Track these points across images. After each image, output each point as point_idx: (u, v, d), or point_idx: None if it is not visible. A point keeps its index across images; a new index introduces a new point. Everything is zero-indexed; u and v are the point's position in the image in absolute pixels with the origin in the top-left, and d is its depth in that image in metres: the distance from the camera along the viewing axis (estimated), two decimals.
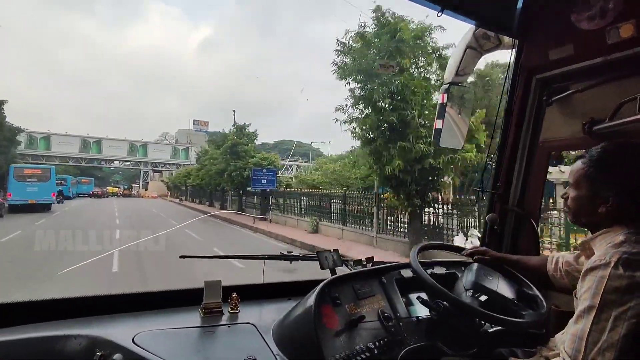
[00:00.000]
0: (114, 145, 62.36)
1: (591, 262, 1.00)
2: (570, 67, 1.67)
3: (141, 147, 65.32)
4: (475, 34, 1.98)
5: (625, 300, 0.91)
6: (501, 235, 1.97)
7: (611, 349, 0.90)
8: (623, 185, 1.06)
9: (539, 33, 1.77)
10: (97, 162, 63.24)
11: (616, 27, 1.47)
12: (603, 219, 1.10)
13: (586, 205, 1.12)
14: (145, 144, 66.20)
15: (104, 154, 61.73)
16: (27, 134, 52.19)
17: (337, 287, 1.39)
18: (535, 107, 1.85)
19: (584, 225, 1.18)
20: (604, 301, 0.93)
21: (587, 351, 0.93)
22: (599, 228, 1.12)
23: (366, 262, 1.80)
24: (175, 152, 68.84)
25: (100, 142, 61.48)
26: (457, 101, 2.15)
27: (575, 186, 1.15)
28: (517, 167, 1.92)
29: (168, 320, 1.41)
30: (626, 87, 1.52)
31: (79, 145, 59.22)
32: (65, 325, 1.30)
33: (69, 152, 57.66)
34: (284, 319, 1.36)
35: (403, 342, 1.33)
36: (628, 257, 0.95)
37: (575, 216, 1.18)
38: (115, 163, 67.27)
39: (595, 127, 1.58)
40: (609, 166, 1.08)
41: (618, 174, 1.07)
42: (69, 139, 58.79)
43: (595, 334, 0.93)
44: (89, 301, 1.46)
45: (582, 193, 1.13)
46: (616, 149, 1.10)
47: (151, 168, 66.93)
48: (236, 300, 1.48)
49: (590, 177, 1.10)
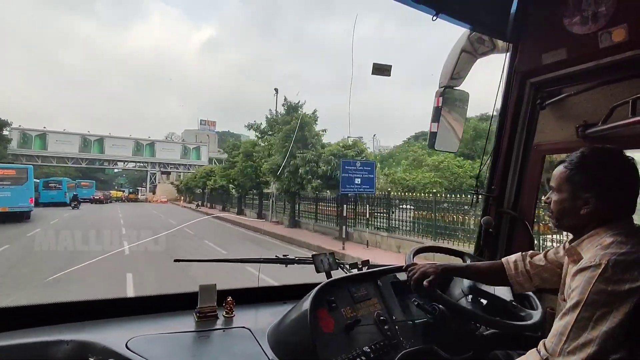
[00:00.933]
0: (118, 144, 56.21)
1: (582, 263, 1.02)
2: (563, 71, 1.69)
3: (148, 147, 58.87)
4: (470, 37, 1.99)
5: (610, 302, 0.93)
6: (496, 238, 1.98)
7: (589, 345, 0.92)
8: (601, 187, 1.08)
9: (533, 37, 1.79)
10: (99, 162, 56.68)
11: (608, 31, 1.49)
12: (586, 222, 1.12)
13: (568, 209, 1.14)
14: (152, 143, 59.52)
15: (106, 154, 55.57)
16: (20, 131, 48.32)
17: (333, 290, 1.38)
18: (529, 110, 1.87)
19: (567, 228, 1.19)
20: (589, 300, 0.95)
21: (565, 346, 0.96)
22: (582, 231, 1.13)
23: (362, 266, 1.80)
24: (185, 152, 62.18)
25: (102, 141, 55.30)
26: (452, 104, 2.16)
27: (557, 190, 1.17)
28: (512, 170, 1.94)
29: (162, 325, 1.39)
30: (619, 91, 1.54)
31: (79, 144, 53.23)
32: (57, 331, 1.28)
33: (67, 151, 52.14)
34: (280, 323, 1.35)
35: (399, 345, 1.32)
36: (617, 258, 0.97)
37: (558, 220, 1.19)
38: (119, 164, 60.93)
39: (588, 130, 1.60)
40: (587, 169, 1.11)
41: (596, 176, 1.09)
42: (67, 137, 52.74)
43: (576, 330, 0.95)
44: (82, 306, 1.43)
45: (563, 196, 1.15)
46: (594, 152, 1.13)
47: (159, 169, 60.43)
48: (231, 304, 1.48)
49: (570, 180, 1.13)
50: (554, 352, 0.98)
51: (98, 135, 55.90)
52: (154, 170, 59.87)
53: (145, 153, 58.58)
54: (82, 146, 53.94)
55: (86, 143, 54.23)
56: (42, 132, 51.65)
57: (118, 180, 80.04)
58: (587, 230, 1.12)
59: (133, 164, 61.11)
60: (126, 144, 57.28)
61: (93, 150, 55.06)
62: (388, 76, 2.06)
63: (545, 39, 1.73)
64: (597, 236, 1.09)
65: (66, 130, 54.23)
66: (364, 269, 1.76)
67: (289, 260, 1.81)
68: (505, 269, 1.39)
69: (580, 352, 0.93)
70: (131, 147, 57.45)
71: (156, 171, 59.83)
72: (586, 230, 1.12)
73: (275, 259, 1.82)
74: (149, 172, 59.46)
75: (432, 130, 2.12)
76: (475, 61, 2.08)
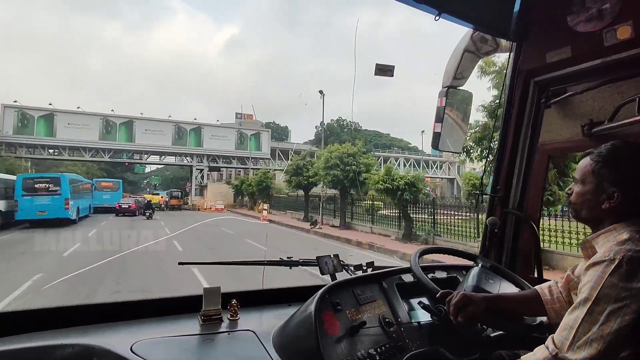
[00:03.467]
0: (153, 129, 40.51)
1: (595, 258, 1.01)
2: (568, 70, 1.67)
3: (193, 133, 42.47)
4: (473, 37, 1.98)
5: (623, 297, 0.92)
6: (502, 238, 1.96)
7: (599, 341, 0.91)
8: (629, 182, 1.07)
9: (536, 36, 1.77)
10: (127, 154, 40.84)
11: (613, 29, 1.47)
12: (605, 216, 1.10)
13: (590, 201, 1.13)
14: (199, 128, 42.67)
15: (137, 142, 39.91)
16: (16, 110, 34.93)
17: (338, 292, 1.38)
18: (533, 109, 1.86)
19: (585, 220, 1.18)
20: (601, 295, 0.94)
21: (574, 340, 0.94)
22: (599, 225, 1.12)
23: (366, 267, 1.79)
24: (241, 140, 45.10)
25: (131, 125, 39.83)
26: (456, 104, 2.15)
27: (581, 182, 1.16)
28: (517, 170, 1.92)
29: (167, 328, 1.39)
30: (625, 89, 1.52)
31: (100, 129, 38.48)
32: (62, 334, 1.28)
33: (84, 139, 37.51)
34: (284, 326, 1.34)
35: (405, 347, 1.32)
36: (632, 255, 0.95)
37: (577, 211, 1.18)
38: (153, 157, 43.83)
39: (594, 129, 1.58)
40: (617, 163, 1.09)
41: (625, 171, 1.08)
42: (83, 119, 37.97)
43: (586, 324, 0.94)
44: (86, 309, 1.44)
45: (587, 188, 1.13)
46: (625, 147, 1.11)
47: (208, 163, 43.43)
48: (236, 306, 1.48)
49: (597, 172, 1.11)
50: (563, 347, 0.96)
51: (125, 116, 39.76)
52: (201, 166, 43.15)
53: (190, 141, 42.62)
54: (103, 132, 38.72)
55: (109, 127, 39.11)
56: (48, 112, 37.00)
57: (151, 179, 61.53)
58: (604, 225, 1.11)
59: (172, 157, 44.23)
60: (164, 128, 41.11)
61: (119, 138, 39.53)
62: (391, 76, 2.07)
63: (550, 37, 1.71)
64: (614, 231, 1.07)
65: (81, 109, 38.78)
66: (368, 270, 1.75)
67: (294, 262, 1.80)
68: (540, 296, 1.35)
69: (589, 348, 0.92)
70: (170, 133, 41.33)
71: (204, 166, 43.44)
72: (604, 224, 1.11)
73: (280, 261, 1.82)
74: (195, 168, 43.00)
75: (436, 131, 2.11)
76: (478, 61, 2.07)
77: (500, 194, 1.95)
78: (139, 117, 40.83)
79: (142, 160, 43.95)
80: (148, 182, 64.55)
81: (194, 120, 43.56)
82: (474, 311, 1.21)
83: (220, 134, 44.73)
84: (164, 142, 41.32)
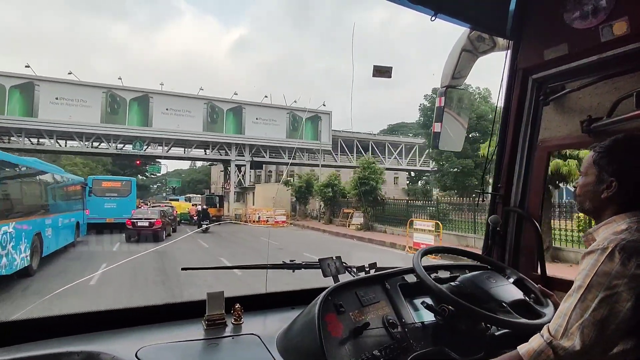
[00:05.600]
0: (177, 109, 27.94)
1: (591, 247, 1.02)
2: (565, 67, 1.67)
3: (231, 115, 30.08)
4: (470, 36, 1.99)
5: (614, 285, 0.93)
6: (504, 236, 1.96)
7: (591, 327, 0.93)
8: (627, 171, 1.08)
9: (533, 33, 1.78)
10: (139, 144, 27.65)
11: (609, 24, 1.47)
12: (606, 206, 1.12)
13: (591, 192, 1.15)
14: (239, 107, 30.37)
15: (154, 127, 27.46)
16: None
17: (341, 294, 1.38)
18: (532, 107, 1.86)
19: (589, 212, 1.19)
20: (593, 282, 0.95)
21: (567, 326, 0.96)
22: (602, 216, 1.14)
23: (369, 268, 1.79)
24: (294, 125, 32.19)
25: (146, 102, 27.39)
26: (455, 104, 2.16)
27: (584, 173, 1.18)
28: (517, 168, 1.93)
29: (171, 334, 1.39)
30: (622, 84, 1.53)
31: (102, 108, 26.10)
32: (67, 342, 1.28)
33: (78, 121, 25.37)
34: (288, 329, 1.35)
35: (409, 348, 1.32)
36: (625, 243, 0.96)
37: (581, 203, 1.20)
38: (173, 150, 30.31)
39: (593, 125, 1.59)
40: (615, 154, 1.11)
41: (622, 161, 1.09)
42: (77, 91, 25.57)
43: (578, 311, 0.95)
44: (90, 317, 1.43)
45: (589, 180, 1.16)
46: (625, 139, 1.14)
47: (250, 158, 31.15)
48: (239, 311, 1.48)
49: (597, 163, 1.14)
50: (557, 334, 0.97)
51: (138, 89, 27.37)
52: (241, 160, 30.86)
53: (227, 127, 29.97)
54: (106, 111, 26.14)
55: (115, 106, 26.35)
56: (26, 81, 24.68)
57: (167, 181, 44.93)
58: (606, 216, 1.12)
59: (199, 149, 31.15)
60: (193, 107, 28.39)
61: (129, 121, 26.84)
62: (389, 78, 2.08)
63: (546, 34, 1.72)
64: (613, 223, 1.09)
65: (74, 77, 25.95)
66: (371, 271, 1.75)
67: (296, 265, 1.81)
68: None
69: (582, 334, 0.93)
70: (201, 114, 28.69)
71: (245, 161, 31.12)
72: (605, 216, 1.12)
73: (282, 265, 1.82)
74: (234, 163, 30.78)
75: (436, 131, 2.13)
76: (476, 60, 2.08)
77: (501, 192, 1.96)
78: (157, 91, 27.74)
79: (161, 153, 29.63)
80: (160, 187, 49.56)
81: (233, 98, 30.30)
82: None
83: (265, 116, 31.51)
84: (192, 126, 28.45)
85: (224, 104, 30.32)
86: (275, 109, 32.48)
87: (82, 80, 26.33)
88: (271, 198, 28.11)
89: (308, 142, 32.82)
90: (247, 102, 31.49)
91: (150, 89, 28.21)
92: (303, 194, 27.11)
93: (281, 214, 25.16)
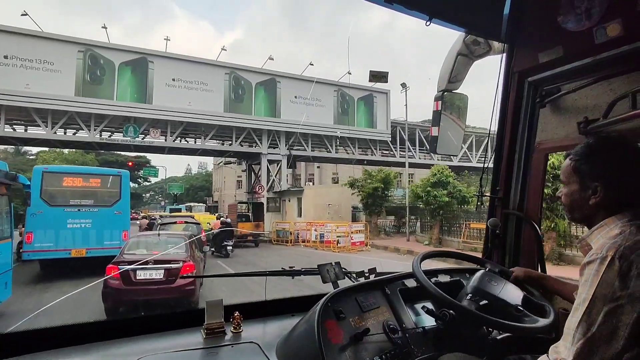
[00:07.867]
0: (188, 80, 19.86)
1: (589, 256, 1.01)
2: (561, 69, 1.68)
3: (262, 90, 22.03)
4: (465, 40, 2.00)
5: (618, 297, 0.92)
6: (504, 239, 1.96)
7: (599, 340, 0.92)
8: (608, 174, 1.09)
9: (528, 37, 1.79)
10: (134, 129, 18.93)
11: (603, 26, 1.48)
12: (595, 211, 1.12)
13: (578, 200, 1.15)
14: (272, 80, 22.34)
15: (155, 104, 18.88)
16: None
17: (341, 300, 1.37)
18: (529, 109, 1.87)
19: (580, 220, 1.19)
20: (597, 295, 0.94)
21: (574, 341, 0.95)
22: (593, 222, 1.13)
23: (369, 274, 1.78)
24: (343, 108, 24.09)
25: (143, 67, 18.92)
26: (451, 108, 2.16)
27: (566, 183, 1.18)
28: (515, 171, 1.93)
29: (170, 343, 1.39)
30: (618, 85, 1.54)
31: (77, 74, 17.49)
32: (65, 353, 1.28)
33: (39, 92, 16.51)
34: (288, 336, 1.34)
35: (410, 353, 1.31)
36: (623, 250, 0.95)
37: (570, 212, 1.20)
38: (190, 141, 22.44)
39: (590, 126, 1.59)
40: (593, 158, 1.11)
41: (603, 164, 1.10)
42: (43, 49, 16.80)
43: (585, 324, 0.94)
44: (89, 327, 1.43)
45: (572, 188, 1.16)
46: (599, 142, 1.14)
47: (288, 151, 22.98)
48: (238, 319, 1.47)
49: (577, 170, 1.14)
50: (565, 349, 0.96)
51: (133, 48, 19.04)
52: (276, 155, 23.05)
53: (257, 107, 21.84)
54: (84, 80, 17.78)
55: (98, 72, 18.12)
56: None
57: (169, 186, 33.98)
58: (597, 221, 1.11)
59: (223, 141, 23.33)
60: (210, 78, 20.48)
61: (118, 95, 18.47)
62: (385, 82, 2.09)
63: (541, 37, 1.73)
64: (605, 226, 1.08)
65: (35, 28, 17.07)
66: (371, 277, 1.74)
67: (295, 271, 1.79)
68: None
69: (589, 348, 0.92)
70: (222, 88, 20.70)
71: (281, 156, 23.06)
72: (596, 221, 1.12)
73: (282, 271, 1.81)
74: (267, 158, 22.67)
75: (433, 135, 2.13)
76: (472, 64, 2.08)
77: (500, 195, 1.96)
78: (160, 52, 19.76)
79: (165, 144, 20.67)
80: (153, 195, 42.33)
81: (264, 68, 22.41)
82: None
83: (306, 93, 23.18)
84: (210, 105, 20.33)
85: (252, 75, 21.83)
86: (320, 85, 23.57)
87: (48, 32, 17.24)
88: (324, 206, 20.92)
89: (359, 129, 24.32)
90: (281, 73, 22.70)
91: (149, 49, 19.38)
92: (376, 200, 19.55)
93: (360, 231, 16.87)
